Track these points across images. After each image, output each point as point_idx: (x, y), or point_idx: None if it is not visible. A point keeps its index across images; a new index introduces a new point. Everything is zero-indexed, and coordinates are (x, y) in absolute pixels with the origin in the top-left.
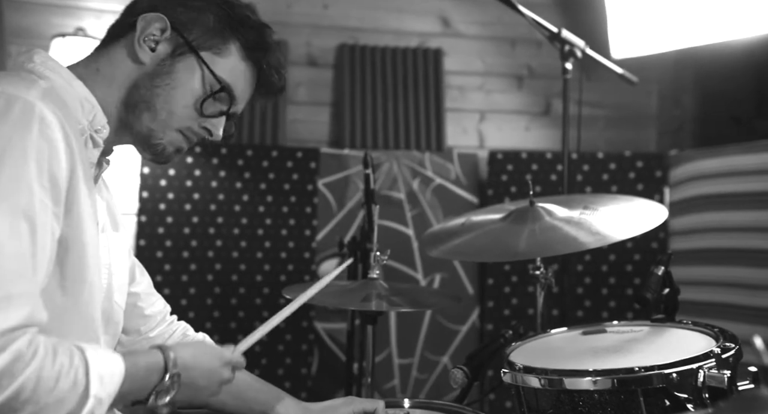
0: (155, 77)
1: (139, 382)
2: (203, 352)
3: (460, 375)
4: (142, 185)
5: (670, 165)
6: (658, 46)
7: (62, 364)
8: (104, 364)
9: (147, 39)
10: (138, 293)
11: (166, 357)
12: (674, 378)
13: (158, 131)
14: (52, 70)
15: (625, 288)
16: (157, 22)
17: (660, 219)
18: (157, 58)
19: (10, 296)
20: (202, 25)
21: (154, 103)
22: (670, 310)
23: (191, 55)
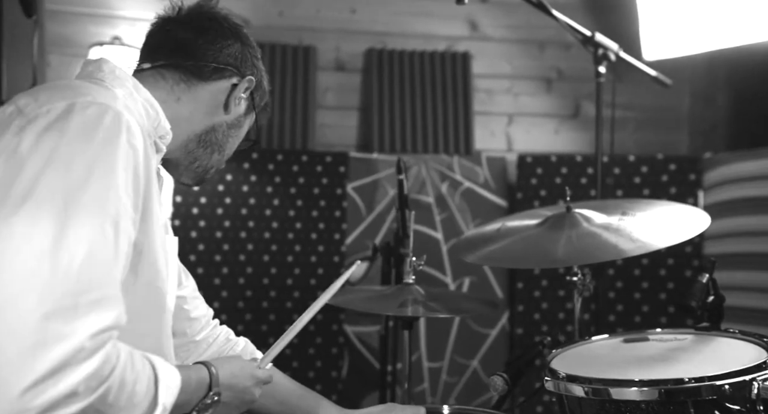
0: (232, 128)
1: (189, 395)
2: (240, 370)
3: (500, 382)
4: (176, 190)
5: (705, 168)
6: (690, 48)
7: (138, 370)
8: (167, 374)
9: (239, 98)
10: (184, 296)
11: (211, 374)
12: (726, 390)
13: (215, 169)
14: (120, 79)
15: (659, 292)
16: (249, 84)
17: (702, 225)
18: (238, 112)
19: (102, 299)
20: (262, 87)
21: (224, 148)
22: (715, 319)
23: (253, 113)
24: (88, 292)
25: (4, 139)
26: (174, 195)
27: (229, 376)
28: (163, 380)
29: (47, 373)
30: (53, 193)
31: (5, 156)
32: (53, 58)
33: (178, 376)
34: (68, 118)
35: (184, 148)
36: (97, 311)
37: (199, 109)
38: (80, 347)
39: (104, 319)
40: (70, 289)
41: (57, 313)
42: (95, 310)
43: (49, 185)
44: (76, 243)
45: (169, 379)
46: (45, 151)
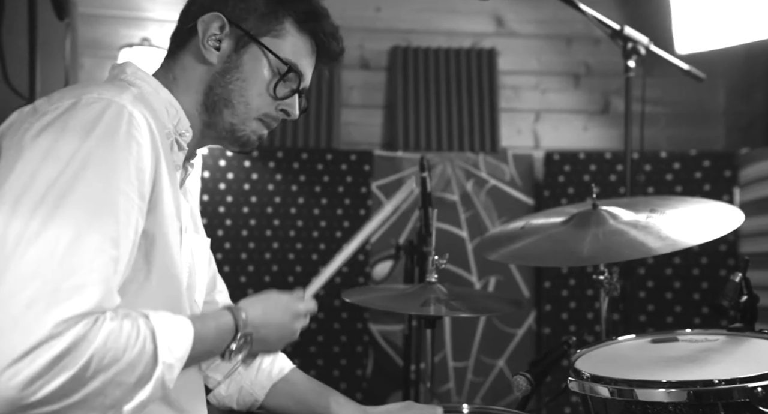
0: (226, 74)
1: (211, 343)
2: (275, 307)
3: (523, 382)
4: (203, 189)
5: (741, 164)
6: (725, 40)
7: (128, 335)
8: (172, 331)
9: (210, 40)
10: (218, 302)
11: (236, 317)
12: (759, 392)
13: (240, 124)
14: (141, 80)
15: (692, 293)
16: (215, 21)
17: (736, 223)
18: (223, 55)
19: (83, 285)
20: (254, 11)
21: (230, 99)
22: (748, 319)
23: (253, 44)
24: (70, 277)
25: (16, 135)
26: (201, 194)
27: (261, 314)
28: (163, 338)
29: (23, 353)
30: (48, 185)
31: (13, 151)
32: (86, 60)
33: (189, 328)
34: (71, 114)
35: (203, 124)
36: (78, 296)
37: (188, 76)
38: (55, 330)
39: (84, 304)
40: (52, 275)
41: (39, 297)
42: (76, 295)
43: (45, 177)
44: (60, 233)
45: (173, 335)
46: (44, 144)
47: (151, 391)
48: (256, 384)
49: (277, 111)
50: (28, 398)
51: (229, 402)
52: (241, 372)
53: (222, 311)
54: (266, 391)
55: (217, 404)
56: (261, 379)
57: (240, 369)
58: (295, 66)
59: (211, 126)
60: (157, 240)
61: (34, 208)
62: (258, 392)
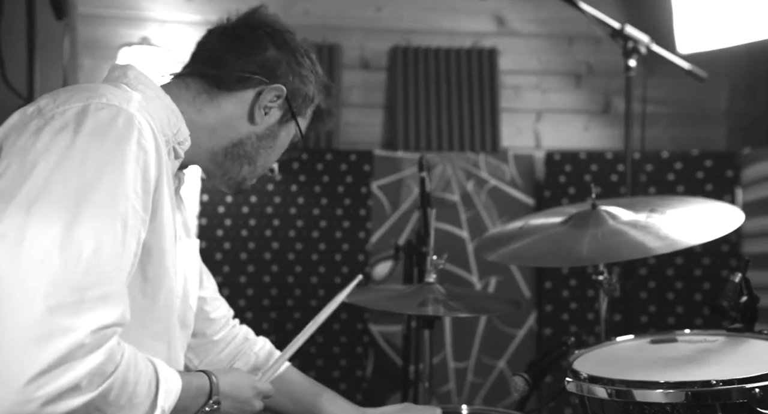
0: (263, 139)
1: (189, 401)
2: (240, 381)
3: (521, 382)
4: (202, 189)
5: (743, 164)
6: (728, 40)
7: (140, 370)
8: (169, 378)
9: (266, 107)
10: (205, 298)
11: (211, 382)
12: (757, 393)
13: (250, 180)
14: (143, 85)
15: (694, 293)
16: (277, 91)
17: (736, 223)
18: (269, 122)
19: (107, 295)
20: (304, 95)
21: (255, 160)
22: (748, 320)
23: (293, 122)
24: (94, 287)
25: (22, 137)
26: (201, 194)
27: (230, 385)
28: (164, 384)
29: (50, 365)
30: (65, 191)
31: (22, 154)
32: (85, 61)
33: (179, 381)
34: (82, 119)
35: (212, 160)
36: (101, 307)
37: (222, 120)
38: (82, 342)
39: (108, 316)
40: (77, 284)
41: (62, 307)
42: (100, 305)
43: (61, 183)
44: (84, 239)
45: (170, 384)
46: (58, 150)
47: None
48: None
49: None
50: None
51: None
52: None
53: (200, 373)
54: None
55: None
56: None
57: (234, 366)
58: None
59: (220, 168)
60: (153, 250)
61: (52, 215)
62: None
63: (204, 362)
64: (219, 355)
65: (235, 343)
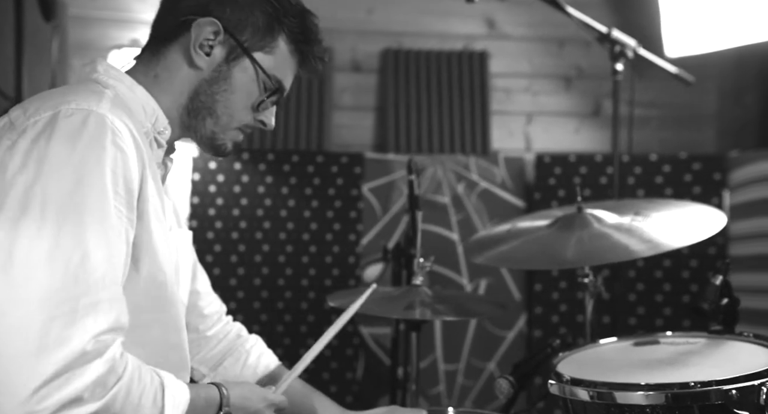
0: (213, 83)
1: (198, 411)
2: (251, 392)
3: (505, 385)
4: (193, 191)
5: (731, 167)
6: (716, 44)
7: (146, 382)
8: (176, 391)
9: (202, 45)
10: (199, 292)
11: (221, 394)
12: (734, 394)
13: (220, 133)
14: (115, 79)
15: (681, 295)
16: (211, 26)
17: (718, 226)
18: (213, 63)
19: (99, 301)
20: (252, 24)
21: (215, 109)
22: (729, 322)
23: (245, 57)
24: (85, 295)
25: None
26: (191, 196)
27: (240, 398)
28: (170, 396)
29: (52, 376)
30: (46, 203)
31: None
32: (76, 62)
33: (186, 393)
34: (53, 128)
35: (183, 125)
36: (94, 314)
37: (173, 76)
38: (82, 351)
39: (103, 322)
40: (68, 294)
41: (57, 318)
42: (93, 312)
43: (40, 196)
44: (71, 248)
45: (177, 396)
46: (33, 163)
47: None
48: (240, 379)
49: (256, 121)
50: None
51: None
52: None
53: (210, 385)
54: None
55: None
56: (246, 374)
57: (225, 364)
58: (280, 82)
59: (190, 129)
60: (144, 247)
61: (37, 227)
62: None
63: (196, 358)
64: (211, 351)
65: (228, 340)
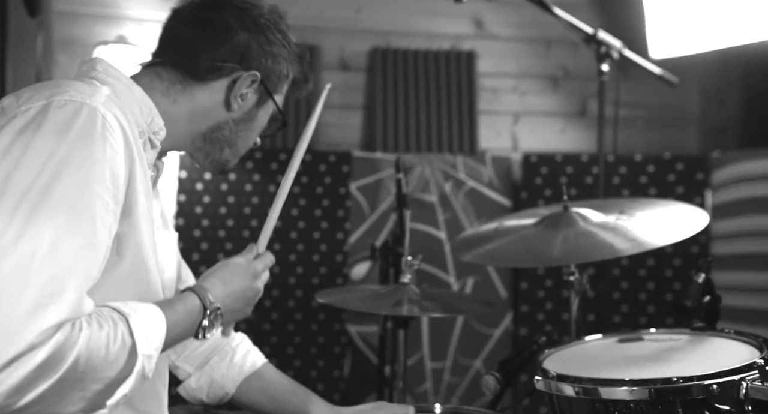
0: (240, 123)
1: (183, 325)
2: (232, 274)
3: (492, 381)
4: (180, 189)
5: (713, 167)
6: (700, 46)
7: (107, 333)
8: (147, 322)
9: (242, 94)
10: None
11: (201, 296)
12: (714, 389)
13: (233, 161)
14: (113, 77)
15: (665, 293)
16: (252, 78)
17: (700, 225)
18: (245, 107)
19: (62, 292)
20: (278, 74)
21: (235, 143)
22: (711, 319)
23: (270, 101)
24: (50, 285)
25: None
26: (178, 194)
27: (222, 286)
28: (139, 331)
29: (4, 363)
30: (25, 190)
31: None
32: (61, 58)
33: (161, 318)
34: (43, 117)
35: (191, 145)
36: (56, 304)
37: (198, 110)
38: (33, 341)
39: (60, 312)
40: (30, 283)
41: (19, 306)
42: (55, 303)
43: (21, 182)
44: (39, 238)
45: (148, 326)
46: (19, 149)
47: (132, 384)
48: (227, 377)
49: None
50: (12, 405)
51: (199, 394)
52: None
53: (186, 293)
54: (237, 385)
55: (187, 396)
56: (232, 372)
57: (211, 362)
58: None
59: (201, 151)
60: (130, 243)
61: (11, 214)
62: (229, 385)
63: (182, 356)
64: (197, 350)
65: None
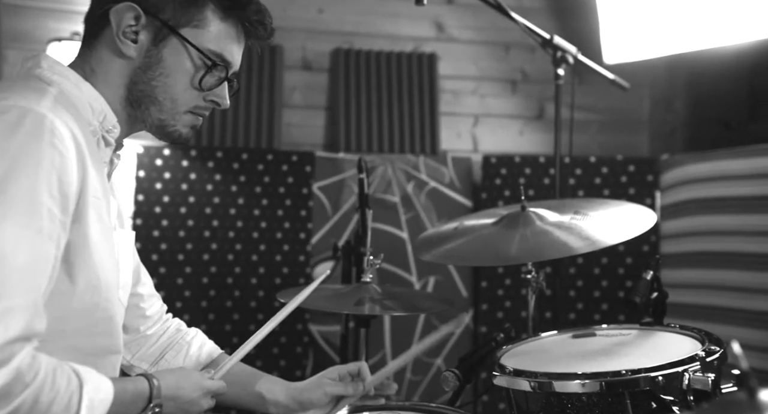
0: (147, 70)
1: (125, 407)
2: (186, 382)
3: (451, 378)
4: (138, 188)
5: (662, 169)
6: (650, 52)
7: (58, 389)
8: (96, 391)
9: (126, 32)
10: (142, 295)
11: (151, 385)
12: (660, 381)
13: (169, 119)
14: (60, 75)
15: (617, 291)
16: (129, 11)
17: (649, 224)
18: (142, 48)
19: (11, 308)
20: (171, 0)
21: (155, 96)
22: (658, 314)
23: (173, 36)
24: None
25: None
26: (136, 194)
27: (174, 387)
28: (87, 397)
29: None
30: None
31: None
32: (11, 54)
33: (110, 390)
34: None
35: (130, 118)
36: (6, 321)
37: (107, 68)
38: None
39: (14, 329)
40: None
41: None
42: (5, 319)
43: None
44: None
45: (97, 397)
46: None
47: None
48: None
49: (207, 101)
50: None
51: None
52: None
53: (139, 378)
54: None
55: None
56: (188, 365)
57: (167, 356)
58: (221, 55)
59: (138, 120)
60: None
61: None
62: None
63: (136, 356)
64: (150, 348)
65: (168, 335)
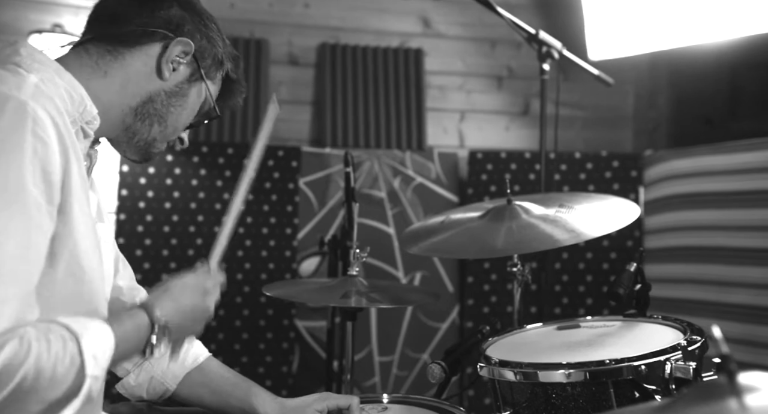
0: (172, 96)
1: (131, 342)
2: (182, 292)
3: (437, 370)
4: (121, 183)
5: (645, 165)
6: (633, 49)
7: (57, 352)
8: (96, 342)
9: (173, 60)
10: (121, 287)
11: (150, 313)
12: (643, 370)
13: (159, 142)
14: (40, 63)
15: (602, 285)
16: (185, 46)
17: (632, 217)
18: (177, 79)
19: (3, 299)
20: (212, 56)
21: (166, 119)
22: (641, 306)
23: (202, 82)
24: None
25: None
26: (119, 188)
27: (172, 303)
28: (89, 351)
29: None
30: None
31: None
32: None
33: (110, 336)
34: None
35: (122, 124)
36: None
37: (130, 79)
38: None
39: (3, 320)
40: None
41: None
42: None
43: None
44: None
45: (97, 346)
46: None
47: (79, 404)
48: (167, 373)
49: (179, 138)
50: None
51: (138, 391)
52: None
53: (136, 310)
54: (179, 381)
55: (126, 394)
56: (173, 368)
57: None
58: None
59: (129, 130)
60: (64, 242)
61: None
62: (170, 382)
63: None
64: None
65: None
